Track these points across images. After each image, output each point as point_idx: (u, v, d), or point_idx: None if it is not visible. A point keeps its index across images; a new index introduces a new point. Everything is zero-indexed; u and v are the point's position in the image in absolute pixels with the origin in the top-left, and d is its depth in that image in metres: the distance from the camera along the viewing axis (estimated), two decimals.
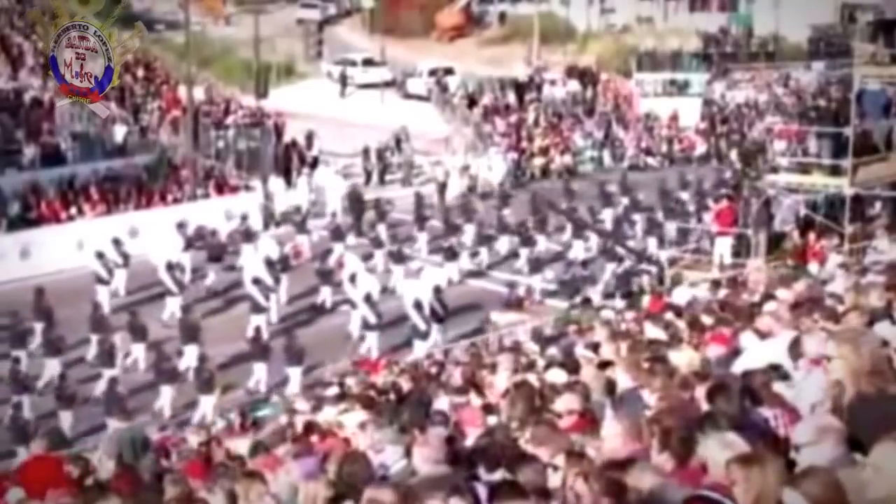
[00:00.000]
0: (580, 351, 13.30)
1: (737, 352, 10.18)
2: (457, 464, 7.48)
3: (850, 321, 9.48)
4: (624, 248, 33.02)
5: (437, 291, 27.20)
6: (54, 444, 17.11)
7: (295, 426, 14.34)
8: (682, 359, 9.83)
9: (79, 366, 25.30)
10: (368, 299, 27.04)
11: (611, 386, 9.15)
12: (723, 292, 19.99)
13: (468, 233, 33.90)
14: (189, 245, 31.32)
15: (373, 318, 26.73)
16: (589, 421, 7.80)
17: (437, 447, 7.62)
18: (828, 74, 51.58)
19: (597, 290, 28.91)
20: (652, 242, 33.27)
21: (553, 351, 17.38)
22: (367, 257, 31.19)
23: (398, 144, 43.14)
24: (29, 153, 34.79)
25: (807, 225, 26.19)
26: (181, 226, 31.55)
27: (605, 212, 36.19)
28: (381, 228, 33.45)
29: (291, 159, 40.51)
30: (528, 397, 8.97)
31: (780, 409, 6.97)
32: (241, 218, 33.60)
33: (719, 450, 5.81)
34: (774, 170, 28.06)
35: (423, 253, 33.13)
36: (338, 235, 32.95)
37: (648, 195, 37.37)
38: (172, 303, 28.05)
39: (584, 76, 53.40)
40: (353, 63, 53.34)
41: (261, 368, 24.85)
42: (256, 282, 27.87)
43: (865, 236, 24.66)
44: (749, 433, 6.33)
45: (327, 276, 29.79)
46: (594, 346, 12.70)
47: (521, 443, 7.44)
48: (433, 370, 19.83)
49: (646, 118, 50.90)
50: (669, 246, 30.01)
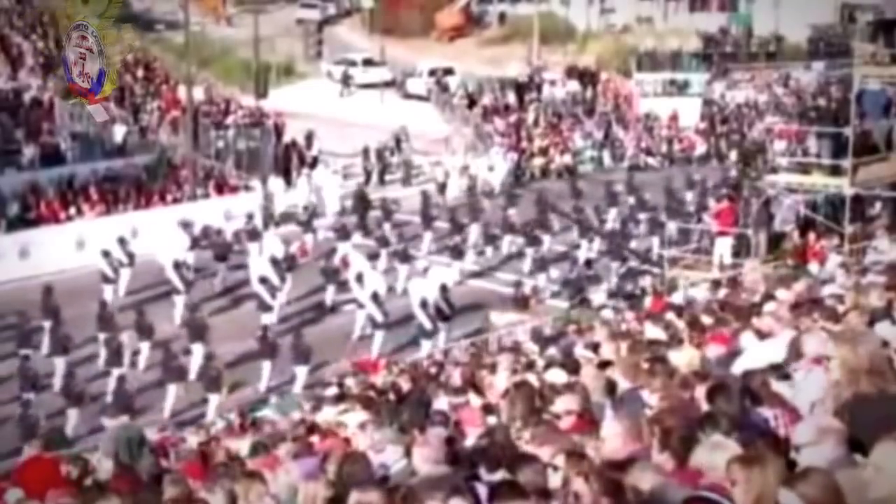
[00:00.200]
0: (580, 351, 13.29)
1: (737, 352, 10.18)
2: (457, 464, 7.46)
3: (851, 321, 9.47)
4: (626, 248, 33.00)
5: (444, 290, 27.25)
6: (55, 443, 17.11)
7: (306, 422, 14.34)
8: (682, 359, 9.83)
9: (85, 364, 25.35)
10: (375, 298, 27.09)
11: (611, 386, 9.14)
12: (723, 292, 19.99)
13: (473, 232, 33.93)
14: (195, 244, 31.35)
15: (379, 317, 26.79)
16: (588, 421, 7.79)
17: (436, 447, 7.61)
18: (828, 74, 51.54)
19: (602, 290, 28.89)
20: (655, 242, 33.29)
21: (553, 351, 17.38)
22: (372, 256, 31.22)
23: (398, 144, 43.13)
24: (28, 153, 34.80)
25: (807, 225, 26.17)
26: (186, 225, 31.57)
27: (611, 211, 36.25)
28: (386, 227, 33.49)
29: (291, 159, 40.50)
30: (528, 397, 8.95)
31: (780, 409, 6.96)
32: (247, 217, 33.67)
33: (709, 453, 5.81)
34: (774, 170, 28.05)
35: (429, 252, 33.13)
36: (343, 234, 33.00)
37: (651, 195, 37.39)
38: (180, 302, 28.17)
39: (584, 76, 53.37)
40: (352, 63, 53.28)
41: (268, 367, 25.02)
42: (263, 280, 27.94)
43: (865, 236, 24.64)
44: (749, 433, 6.33)
45: (332, 275, 29.84)
46: (594, 346, 12.70)
47: (521, 443, 7.43)
48: (433, 370, 19.84)
49: (646, 118, 50.88)
50: (670, 246, 29.95)
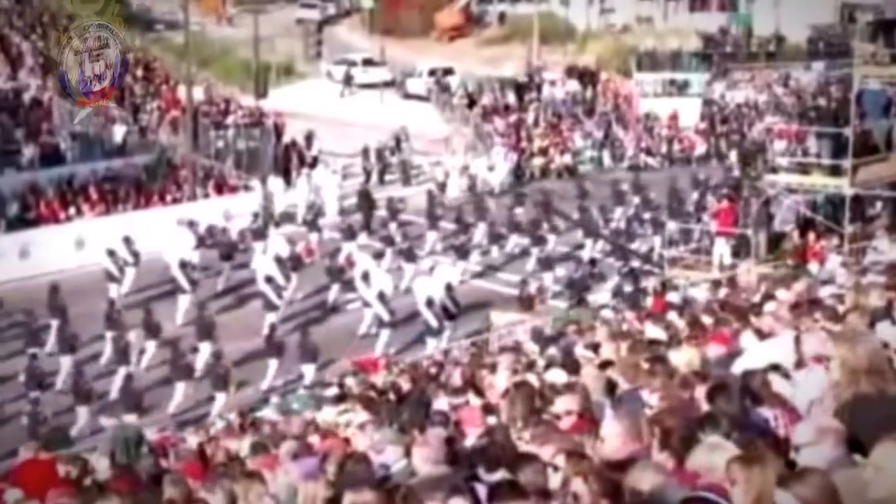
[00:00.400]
0: (580, 351, 13.27)
1: (737, 352, 10.16)
2: (457, 464, 7.46)
3: (851, 321, 9.46)
4: (628, 248, 32.99)
5: (449, 289, 27.26)
6: (55, 443, 17.10)
7: (317, 421, 14.29)
8: (682, 359, 9.81)
9: (89, 363, 25.43)
10: (382, 297, 27.15)
11: (611, 386, 9.13)
12: (723, 292, 19.99)
13: (479, 232, 33.95)
14: (200, 243, 31.40)
15: (386, 316, 26.83)
16: (588, 421, 7.78)
17: (436, 447, 7.60)
18: (828, 74, 51.52)
19: (606, 289, 28.87)
20: (657, 242, 33.28)
21: (553, 351, 17.36)
22: (377, 256, 31.27)
23: (398, 144, 43.11)
24: (28, 153, 34.79)
25: (807, 225, 26.18)
26: (192, 224, 31.60)
27: (617, 211, 36.30)
28: (392, 227, 33.55)
29: (291, 159, 40.48)
30: (528, 397, 8.93)
31: (780, 409, 6.95)
32: (253, 216, 33.72)
33: (707, 454, 5.81)
34: (774, 170, 28.03)
35: (432, 252, 33.16)
36: (349, 234, 33.05)
37: (653, 195, 37.40)
38: (184, 300, 28.20)
39: (584, 76, 53.35)
40: (352, 63, 53.24)
41: (275, 365, 25.11)
42: (269, 280, 28.00)
43: (865, 236, 24.65)
44: (749, 433, 6.33)
45: (336, 274, 29.89)
46: (594, 346, 12.68)
47: (521, 443, 7.42)
48: (433, 370, 19.83)
49: (645, 118, 50.84)
50: (670, 246, 29.96)
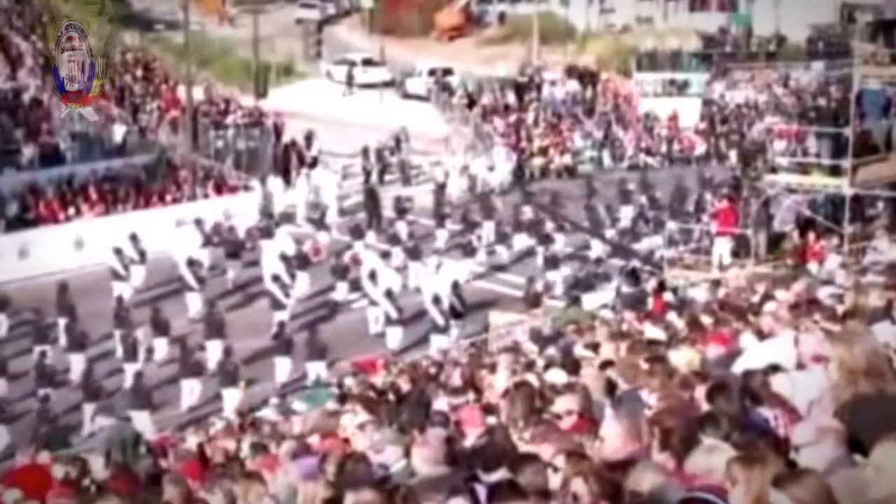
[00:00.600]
0: (579, 351, 13.26)
1: (737, 352, 10.15)
2: (456, 464, 7.45)
3: (850, 321, 9.45)
4: (627, 248, 32.98)
5: (456, 287, 27.32)
6: (55, 444, 17.10)
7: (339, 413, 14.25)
8: (682, 359, 9.80)
9: (98, 361, 25.54)
10: (389, 295, 27.18)
11: (611, 386, 9.12)
12: (722, 292, 19.98)
13: (486, 231, 34.01)
14: (207, 241, 31.39)
15: (394, 314, 26.86)
16: (588, 421, 7.77)
17: (436, 448, 7.59)
18: (828, 74, 51.49)
19: (610, 288, 28.86)
20: (659, 242, 33.25)
21: (552, 351, 17.36)
22: (384, 255, 31.30)
23: (398, 144, 43.11)
24: (27, 153, 34.80)
25: (806, 225, 26.17)
26: (199, 222, 31.64)
27: (622, 210, 36.41)
28: (398, 226, 33.51)
29: (290, 159, 40.49)
30: (528, 397, 8.93)
31: (780, 409, 6.95)
32: (260, 215, 33.82)
33: (706, 456, 5.81)
34: (774, 170, 28.01)
35: (440, 249, 33.21)
36: (357, 233, 33.06)
37: (652, 195, 37.42)
38: (193, 299, 28.31)
39: (584, 76, 53.35)
40: (352, 63, 53.24)
41: (288, 364, 25.21)
42: (276, 278, 28.04)
43: (865, 236, 24.64)
44: (749, 433, 6.32)
45: (341, 273, 29.96)
46: (594, 346, 12.67)
47: (521, 443, 7.41)
48: (432, 370, 19.81)
49: (645, 118, 50.85)
50: (670, 246, 29.92)
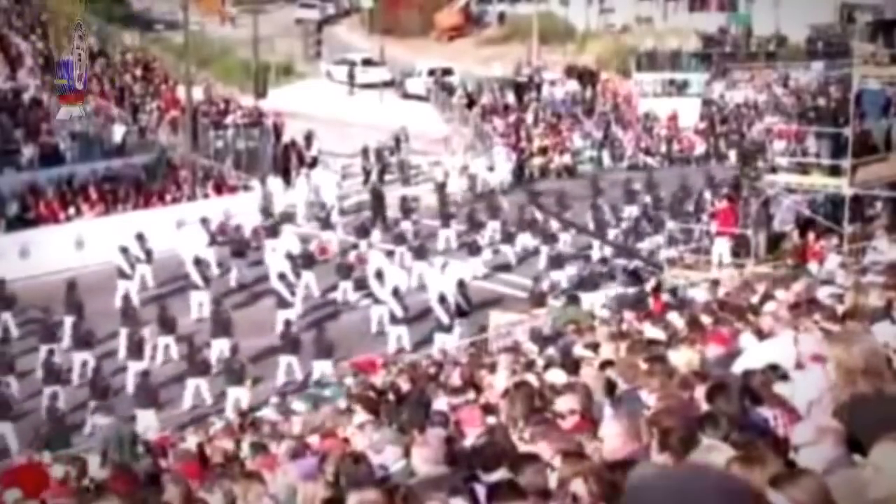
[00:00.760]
0: (579, 351, 13.25)
1: (737, 352, 10.15)
2: (456, 464, 7.45)
3: (850, 321, 9.45)
4: (628, 247, 32.95)
5: (461, 286, 27.35)
6: (55, 444, 17.10)
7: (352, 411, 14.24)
8: (682, 359, 9.80)
9: (104, 359, 25.55)
10: (396, 293, 27.24)
11: (610, 386, 9.12)
12: (722, 291, 19.95)
13: (489, 230, 34.00)
14: (213, 240, 31.42)
15: (400, 312, 26.92)
16: (588, 421, 7.78)
17: (436, 447, 7.60)
18: (827, 74, 51.44)
19: (614, 287, 28.84)
20: (660, 242, 33.24)
21: (551, 351, 17.34)
22: (389, 254, 31.32)
23: (397, 144, 43.10)
24: (27, 153, 34.78)
25: (806, 225, 26.17)
26: (204, 221, 31.68)
27: (626, 210, 36.39)
28: (404, 225, 33.57)
29: (290, 159, 40.47)
30: (528, 397, 8.93)
31: (780, 409, 6.95)
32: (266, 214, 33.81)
33: (705, 456, 5.82)
34: (774, 170, 28.01)
35: (447, 249, 33.25)
36: (363, 232, 33.06)
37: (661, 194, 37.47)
38: (199, 297, 28.35)
39: (584, 76, 53.33)
40: (352, 63, 53.25)
41: (295, 362, 25.25)
42: (282, 277, 28.11)
43: (865, 236, 24.63)
44: (749, 433, 6.32)
45: (345, 271, 30.02)
46: (594, 346, 12.67)
47: (521, 443, 7.41)
48: (432, 370, 19.80)
49: (645, 118, 50.82)
50: (670, 245, 29.92)
